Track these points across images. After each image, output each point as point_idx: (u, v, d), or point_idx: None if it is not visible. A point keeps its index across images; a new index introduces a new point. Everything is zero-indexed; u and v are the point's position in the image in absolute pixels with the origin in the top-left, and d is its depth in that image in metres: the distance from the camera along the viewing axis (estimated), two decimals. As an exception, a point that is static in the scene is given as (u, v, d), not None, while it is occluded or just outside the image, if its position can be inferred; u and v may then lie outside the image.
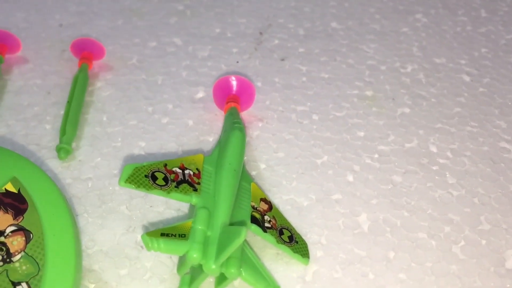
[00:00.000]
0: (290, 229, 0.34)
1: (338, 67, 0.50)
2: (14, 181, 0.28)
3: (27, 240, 0.27)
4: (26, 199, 0.28)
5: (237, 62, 0.51)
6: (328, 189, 0.39)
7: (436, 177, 0.40)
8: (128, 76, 0.49)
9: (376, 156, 0.41)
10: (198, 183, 0.33)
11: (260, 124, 0.44)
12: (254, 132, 0.43)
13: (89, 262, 0.34)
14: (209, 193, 0.33)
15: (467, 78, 0.49)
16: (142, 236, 0.29)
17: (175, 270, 0.33)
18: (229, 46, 0.53)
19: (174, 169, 0.33)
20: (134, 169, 0.31)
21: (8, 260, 0.26)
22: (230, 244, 0.28)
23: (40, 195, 0.28)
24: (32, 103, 0.46)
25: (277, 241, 0.33)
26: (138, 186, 0.31)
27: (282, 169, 0.40)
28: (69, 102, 0.44)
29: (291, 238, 0.34)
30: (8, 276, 0.26)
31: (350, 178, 0.40)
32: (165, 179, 0.32)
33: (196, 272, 0.31)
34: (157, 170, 0.32)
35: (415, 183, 0.39)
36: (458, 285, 0.33)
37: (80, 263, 0.29)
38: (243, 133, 0.38)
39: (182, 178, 0.33)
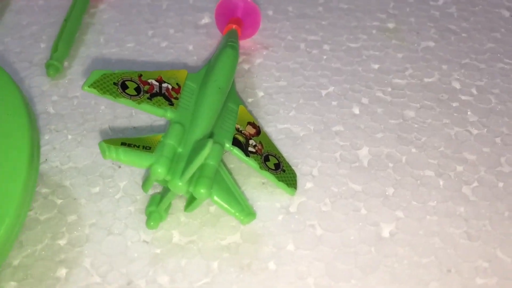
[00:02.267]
0: (277, 156, 0.31)
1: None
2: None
3: None
4: None
5: (251, -11, 0.47)
6: (329, 120, 0.35)
7: (455, 114, 0.35)
8: (132, 0, 0.46)
9: (389, 89, 0.37)
10: (176, 98, 0.30)
11: (264, 52, 0.40)
12: (257, 59, 0.40)
13: (61, 177, 0.31)
14: (187, 109, 0.30)
15: (506, 13, 0.43)
16: (99, 143, 0.26)
17: (150, 191, 0.30)
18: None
19: (150, 80, 0.30)
20: (102, 75, 0.28)
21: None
22: (196, 158, 0.25)
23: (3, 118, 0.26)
24: (31, 23, 0.44)
25: (260, 167, 0.30)
26: (104, 93, 0.28)
27: (282, 97, 0.36)
28: (65, 20, 0.41)
29: (277, 165, 0.30)
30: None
31: (356, 110, 0.35)
32: (137, 90, 0.29)
33: (167, 191, 0.28)
34: (129, 79, 0.29)
35: (430, 118, 0.35)
36: (463, 228, 0.29)
37: (33, 179, 0.26)
38: (235, 52, 0.34)
39: (158, 91, 0.29)
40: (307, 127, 0.34)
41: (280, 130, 0.34)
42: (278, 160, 0.31)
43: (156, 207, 0.28)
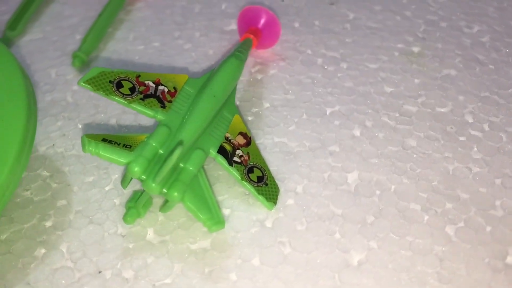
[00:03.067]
0: (263, 169, 0.31)
1: (391, 18, 0.44)
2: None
3: None
4: None
5: (282, 0, 0.47)
6: (327, 139, 0.34)
7: (459, 149, 0.33)
8: (168, 1, 0.47)
9: (397, 115, 0.36)
10: (170, 101, 0.31)
11: (281, 64, 0.40)
12: (272, 70, 0.40)
13: (62, 163, 0.33)
14: (178, 113, 0.30)
15: (543, 48, 0.40)
16: (82, 137, 0.28)
17: (135, 187, 0.31)
18: (281, -16, 0.49)
19: (146, 82, 0.31)
20: (100, 72, 0.30)
21: None
22: (166, 161, 0.26)
23: (2, 91, 0.28)
24: (72, 14, 0.46)
25: (241, 178, 0.30)
26: (97, 89, 0.29)
27: (286, 111, 0.36)
28: (100, 15, 0.43)
29: (260, 178, 0.30)
30: None
31: (357, 132, 0.35)
32: (132, 89, 0.30)
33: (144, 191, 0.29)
34: (126, 79, 0.30)
35: (431, 150, 0.33)
36: (436, 268, 0.27)
37: (24, 160, 0.28)
38: (239, 62, 0.34)
39: (152, 93, 0.30)
40: (303, 143, 0.34)
41: (276, 143, 0.34)
42: (262, 173, 0.31)
43: (134, 203, 0.29)
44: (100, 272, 0.28)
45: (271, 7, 0.46)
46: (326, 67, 0.40)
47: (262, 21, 0.40)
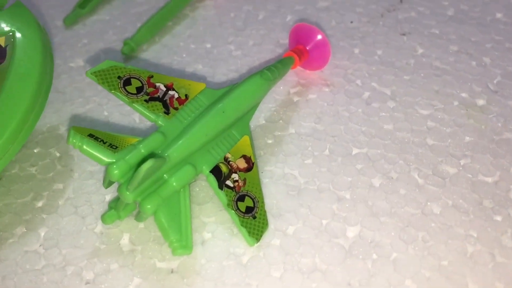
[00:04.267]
0: (256, 200, 0.28)
1: (464, 62, 0.38)
2: (9, 37, 0.29)
3: None
4: (7, 57, 0.28)
5: (351, 22, 0.43)
6: (341, 182, 0.30)
7: (489, 229, 0.28)
8: (236, 4, 0.46)
9: (430, 173, 0.31)
10: (176, 108, 0.29)
11: (324, 89, 0.37)
12: (311, 95, 0.37)
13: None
14: (181, 122, 0.29)
15: None
16: (70, 128, 0.27)
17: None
18: (356, 3, 0.45)
19: (158, 84, 0.29)
20: (111, 66, 0.29)
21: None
22: (137, 172, 0.24)
23: (22, 60, 0.28)
24: (143, 3, 0.46)
25: (228, 204, 0.27)
26: (103, 83, 0.28)
27: (309, 141, 0.33)
28: (161, 9, 0.43)
29: (249, 209, 0.28)
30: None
31: (377, 182, 0.30)
32: (139, 89, 0.29)
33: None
34: (137, 77, 0.29)
35: (454, 223, 0.28)
36: None
37: (25, 134, 0.28)
38: (264, 81, 0.32)
39: (160, 96, 0.29)
40: (313, 180, 0.31)
41: (285, 174, 0.31)
42: (254, 204, 0.28)
43: (115, 205, 0.28)
44: (64, 266, 0.27)
45: (337, 27, 0.42)
46: (370, 103, 0.36)
47: (313, 42, 0.37)
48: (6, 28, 0.29)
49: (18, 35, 0.29)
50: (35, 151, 0.33)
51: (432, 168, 0.31)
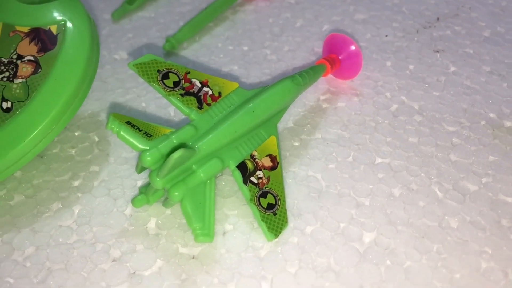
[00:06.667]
0: (278, 198, 0.29)
1: (495, 83, 0.38)
2: (61, 26, 0.30)
3: (34, 72, 0.29)
4: (57, 43, 0.30)
5: (386, 36, 0.43)
6: (362, 189, 0.31)
7: (504, 248, 0.28)
8: (276, 11, 0.47)
9: (450, 188, 0.31)
10: (209, 104, 0.30)
11: (353, 99, 0.37)
12: (340, 103, 0.37)
13: (111, 133, 0.35)
14: (212, 118, 0.30)
15: None
16: (110, 114, 0.28)
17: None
18: (393, 18, 0.45)
19: (194, 80, 0.30)
20: (151, 60, 0.30)
21: (11, 79, 0.29)
22: (167, 160, 0.25)
23: (71, 47, 0.30)
24: (187, 2, 0.48)
25: (251, 199, 0.28)
26: (143, 75, 0.30)
27: (334, 148, 0.34)
28: (204, 10, 0.45)
29: (271, 206, 0.29)
30: (2, 91, 0.28)
31: (397, 192, 0.31)
32: (176, 83, 0.30)
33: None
34: (175, 72, 0.30)
35: (470, 238, 0.28)
36: None
37: (69, 116, 0.30)
38: (294, 86, 0.32)
39: (195, 92, 0.30)
40: (334, 185, 0.31)
41: (308, 176, 0.32)
42: (276, 201, 0.29)
43: (146, 190, 0.29)
44: (94, 243, 0.28)
45: (371, 40, 0.43)
46: (397, 115, 0.36)
47: (346, 52, 0.37)
48: (59, 18, 0.31)
49: (69, 24, 0.31)
50: (76, 134, 0.35)
51: (453, 184, 0.31)
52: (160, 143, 0.28)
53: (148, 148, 0.27)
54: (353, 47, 0.37)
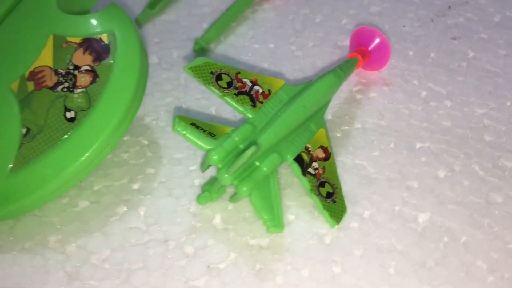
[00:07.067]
0: (335, 187, 0.31)
1: (513, 65, 0.41)
2: (111, 35, 0.31)
3: (92, 81, 0.30)
4: (111, 52, 0.31)
5: (403, 26, 0.45)
6: (408, 173, 0.33)
7: (548, 218, 0.30)
8: (294, 8, 0.48)
9: (490, 166, 0.33)
10: (261, 102, 0.31)
11: (383, 88, 0.39)
12: (372, 93, 0.39)
13: (159, 136, 0.36)
14: (266, 115, 0.31)
15: None
16: (174, 117, 0.29)
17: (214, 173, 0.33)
18: (407, 9, 0.47)
19: (244, 80, 0.32)
20: (204, 62, 0.31)
21: (71, 89, 0.30)
22: (240, 157, 0.26)
23: (123, 54, 0.31)
24: (206, 4, 0.49)
25: (311, 189, 0.30)
26: (199, 77, 0.31)
27: (374, 136, 0.35)
28: (227, 10, 0.46)
29: (330, 194, 0.30)
30: (64, 101, 0.29)
31: (441, 174, 0.33)
32: (229, 84, 0.31)
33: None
34: (226, 73, 0.32)
35: (516, 212, 0.30)
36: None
37: (128, 122, 0.31)
38: (336, 79, 0.34)
39: (247, 91, 0.31)
40: (382, 171, 0.33)
41: (355, 164, 0.33)
42: (333, 190, 0.31)
43: (209, 187, 0.30)
44: (166, 241, 0.30)
45: (390, 31, 0.45)
46: (428, 101, 0.38)
47: (374, 43, 0.39)
48: (107, 26, 0.32)
49: (118, 32, 0.31)
50: (125, 139, 0.35)
51: (492, 162, 0.33)
52: (223, 142, 0.29)
53: (213, 147, 0.29)
54: (381, 39, 0.39)
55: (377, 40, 0.39)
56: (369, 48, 0.39)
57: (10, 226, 0.30)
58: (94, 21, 0.32)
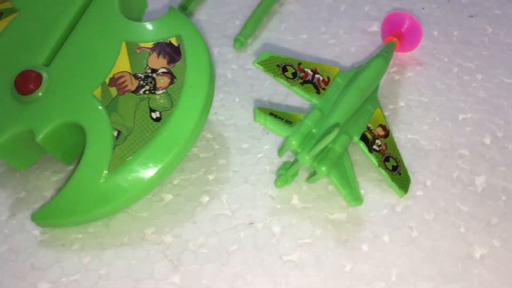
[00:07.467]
0: (398, 160, 0.33)
1: (530, 37, 0.44)
2: (178, 37, 0.33)
3: (171, 82, 0.32)
4: (181, 53, 0.33)
5: (423, 8, 0.48)
6: (457, 142, 0.36)
7: None
8: (330, 1, 0.50)
9: (528, 130, 0.36)
10: (323, 89, 0.34)
11: (417, 68, 0.42)
12: (409, 73, 0.42)
13: (222, 129, 0.38)
14: (330, 100, 0.34)
15: None
16: (254, 108, 0.32)
17: (284, 158, 0.35)
18: (423, -8, 0.50)
19: (306, 69, 0.34)
20: (270, 57, 0.34)
21: (152, 91, 0.32)
22: (323, 139, 0.29)
23: (192, 55, 0.33)
24: (233, 2, 0.51)
25: (379, 164, 0.33)
26: (267, 71, 0.33)
27: (420, 112, 0.38)
28: (259, 5, 0.48)
29: (395, 168, 0.33)
30: (149, 103, 0.31)
31: (487, 140, 0.36)
32: (294, 74, 0.34)
33: (296, 161, 0.32)
34: (290, 64, 0.34)
35: (560, 167, 0.34)
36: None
37: (205, 117, 0.33)
38: (385, 62, 0.37)
39: (310, 79, 0.34)
40: (434, 143, 0.36)
41: (409, 139, 0.36)
42: (397, 163, 0.33)
43: (285, 171, 0.33)
44: (251, 223, 0.32)
45: (412, 14, 0.47)
46: (461, 76, 0.41)
47: (406, 26, 0.42)
48: (174, 30, 0.34)
49: (183, 35, 0.33)
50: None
51: (530, 126, 0.37)
52: (299, 127, 0.31)
53: (291, 133, 0.31)
54: (412, 21, 0.41)
55: (408, 23, 0.42)
56: (402, 31, 0.42)
57: (105, 224, 0.32)
58: (160, 26, 0.34)
